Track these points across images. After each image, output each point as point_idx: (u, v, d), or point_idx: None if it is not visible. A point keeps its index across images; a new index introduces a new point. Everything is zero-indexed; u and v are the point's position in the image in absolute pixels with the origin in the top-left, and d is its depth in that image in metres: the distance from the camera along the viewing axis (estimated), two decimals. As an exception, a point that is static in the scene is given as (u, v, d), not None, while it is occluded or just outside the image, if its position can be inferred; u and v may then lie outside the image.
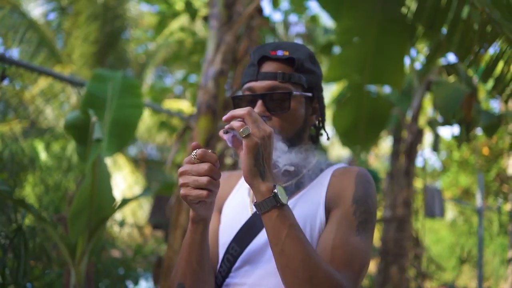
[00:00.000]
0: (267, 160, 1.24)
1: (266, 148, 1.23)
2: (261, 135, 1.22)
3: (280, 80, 1.47)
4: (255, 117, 1.23)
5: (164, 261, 3.49)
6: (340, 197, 1.43)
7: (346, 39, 4.65)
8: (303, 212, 1.45)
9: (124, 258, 5.82)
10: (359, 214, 1.39)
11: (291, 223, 1.25)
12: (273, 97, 1.46)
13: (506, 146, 11.40)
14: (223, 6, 3.61)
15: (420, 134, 5.61)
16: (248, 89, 1.51)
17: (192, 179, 1.24)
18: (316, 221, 1.43)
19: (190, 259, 1.39)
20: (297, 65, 1.49)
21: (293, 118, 1.49)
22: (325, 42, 6.47)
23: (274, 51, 1.52)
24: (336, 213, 1.41)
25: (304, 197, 1.50)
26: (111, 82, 3.65)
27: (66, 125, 3.07)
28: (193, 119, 3.59)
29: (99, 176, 3.09)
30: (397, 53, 4.40)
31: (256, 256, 1.46)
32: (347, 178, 1.47)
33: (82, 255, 3.19)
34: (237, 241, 1.50)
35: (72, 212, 3.03)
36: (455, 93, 4.85)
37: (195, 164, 1.25)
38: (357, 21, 4.35)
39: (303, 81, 1.50)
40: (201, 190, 1.24)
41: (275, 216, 1.24)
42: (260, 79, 1.49)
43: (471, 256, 10.98)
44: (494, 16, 3.88)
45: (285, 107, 1.46)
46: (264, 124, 1.24)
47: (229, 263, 1.50)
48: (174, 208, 3.48)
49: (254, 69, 1.51)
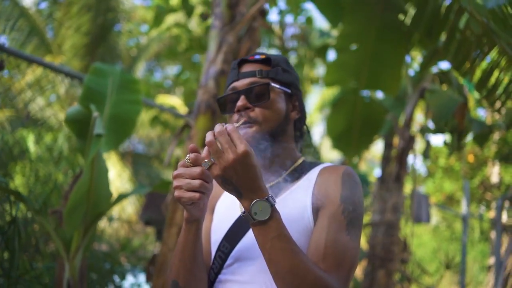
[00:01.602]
0: (242, 180, 1.27)
1: (237, 171, 1.25)
2: (222, 166, 1.25)
3: (259, 76, 1.59)
4: (215, 148, 1.25)
5: (158, 258, 3.50)
6: (328, 196, 1.48)
7: (344, 44, 4.68)
8: (291, 210, 1.49)
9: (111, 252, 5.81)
10: (347, 213, 1.45)
11: (275, 236, 1.29)
12: (253, 90, 1.56)
13: (491, 155, 11.53)
14: (226, 6, 3.62)
15: (412, 140, 5.67)
16: (231, 89, 1.61)
17: (185, 182, 1.30)
18: (304, 219, 1.48)
19: (183, 257, 1.44)
20: (273, 64, 1.62)
21: (275, 109, 1.58)
22: (321, 45, 6.50)
23: (252, 56, 1.65)
24: (325, 212, 1.46)
25: (291, 195, 1.55)
26: (111, 77, 3.64)
27: (67, 119, 3.06)
28: (192, 117, 3.59)
29: (98, 171, 3.09)
30: (394, 60, 4.44)
31: (246, 253, 1.51)
32: (333, 177, 1.53)
33: (77, 250, 3.18)
34: (228, 239, 1.55)
35: (68, 206, 3.02)
36: (449, 101, 4.91)
37: (188, 167, 1.31)
38: (355, 26, 4.39)
39: (280, 77, 1.61)
40: (193, 193, 1.30)
41: (257, 230, 1.31)
42: (241, 78, 1.60)
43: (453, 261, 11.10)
44: (492, 27, 3.93)
45: (265, 98, 1.56)
46: (231, 148, 1.25)
47: (221, 260, 1.55)
48: (170, 206, 3.49)
49: (235, 72, 1.63)
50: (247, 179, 1.27)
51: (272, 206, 1.29)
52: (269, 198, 1.29)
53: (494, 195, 13.38)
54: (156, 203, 4.57)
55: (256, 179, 1.28)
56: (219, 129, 1.26)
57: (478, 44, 4.12)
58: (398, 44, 4.35)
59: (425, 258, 13.78)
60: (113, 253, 5.74)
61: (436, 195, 14.59)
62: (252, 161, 1.26)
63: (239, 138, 1.26)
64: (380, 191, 5.89)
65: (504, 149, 10.11)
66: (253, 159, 1.26)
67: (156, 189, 3.58)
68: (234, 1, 3.63)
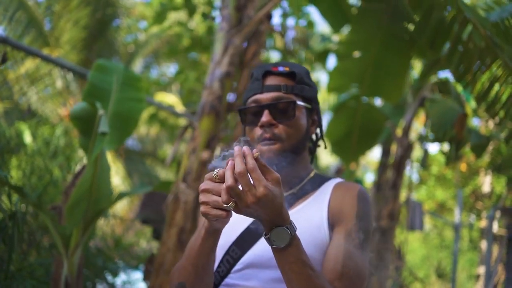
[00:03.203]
0: (263, 215, 1.25)
1: (257, 210, 1.23)
2: (243, 208, 1.23)
3: (284, 91, 1.59)
4: (236, 192, 1.21)
5: (157, 258, 3.49)
6: (343, 213, 1.51)
7: (348, 51, 4.70)
8: (307, 223, 1.51)
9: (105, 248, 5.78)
10: (361, 232, 1.48)
11: (293, 261, 1.29)
12: (278, 106, 1.57)
13: (484, 164, 11.60)
14: (234, 9, 3.62)
15: (410, 148, 5.70)
16: (254, 101, 1.61)
17: (212, 199, 1.26)
18: (320, 233, 1.50)
19: (197, 263, 1.44)
20: (298, 78, 1.61)
21: (298, 126, 1.59)
22: (322, 50, 6.51)
23: (276, 67, 1.64)
24: (340, 230, 1.49)
25: (306, 209, 1.57)
26: (115, 74, 3.62)
27: (72, 116, 3.05)
28: (195, 118, 3.59)
29: (100, 169, 3.08)
30: (398, 68, 4.47)
31: (258, 260, 1.51)
32: (349, 194, 1.56)
33: (76, 247, 3.17)
34: (238, 244, 1.56)
35: (70, 203, 3.01)
36: (448, 111, 4.94)
37: (216, 183, 1.27)
38: (362, 34, 4.41)
39: (304, 93, 1.61)
40: (221, 211, 1.26)
41: (276, 253, 1.31)
42: (265, 91, 1.60)
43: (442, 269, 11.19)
44: (495, 40, 3.96)
45: (290, 115, 1.57)
46: (251, 191, 1.21)
47: (229, 264, 1.55)
48: (170, 206, 3.48)
49: (258, 83, 1.62)
50: (268, 213, 1.25)
51: (291, 234, 1.27)
52: (289, 226, 1.27)
53: (485, 204, 13.46)
54: (154, 202, 4.56)
55: (277, 211, 1.25)
56: (240, 169, 1.20)
57: (480, 57, 4.15)
58: (402, 52, 4.37)
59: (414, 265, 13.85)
60: (106, 250, 5.71)
61: (428, 203, 14.67)
62: (273, 199, 1.22)
63: (259, 178, 1.21)
64: (376, 198, 5.92)
65: (497, 160, 10.18)
66: (274, 197, 1.22)
67: (157, 189, 3.57)
68: (242, 4, 3.62)
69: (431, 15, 4.12)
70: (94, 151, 2.92)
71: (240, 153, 1.23)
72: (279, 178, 1.24)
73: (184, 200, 3.46)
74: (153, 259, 3.60)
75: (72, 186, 3.37)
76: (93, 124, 3.00)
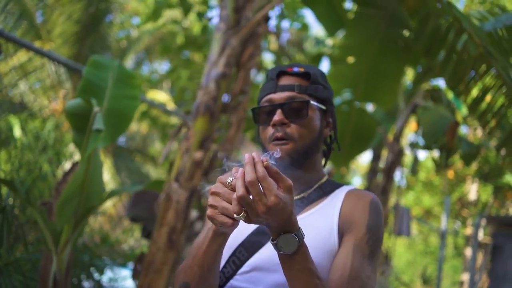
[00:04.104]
0: (272, 222, 1.23)
1: (267, 219, 1.21)
2: (254, 218, 1.21)
3: (298, 91, 1.56)
4: (247, 201, 1.18)
5: (146, 257, 3.48)
6: (354, 222, 1.48)
7: (343, 55, 4.72)
8: (317, 230, 1.49)
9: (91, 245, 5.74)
10: (371, 243, 1.45)
11: (299, 268, 1.28)
12: (291, 106, 1.54)
13: (471, 172, 11.70)
14: (233, 10, 3.61)
15: (401, 154, 5.73)
16: (267, 100, 1.59)
17: (222, 205, 1.22)
18: (330, 240, 1.47)
19: (202, 264, 1.41)
20: (312, 79, 1.59)
21: (310, 126, 1.56)
22: (316, 53, 6.53)
23: (290, 68, 1.62)
24: (350, 238, 1.46)
25: (316, 215, 1.54)
26: (110, 71, 3.60)
27: (67, 112, 3.02)
28: (190, 118, 3.58)
29: (93, 166, 3.06)
30: (393, 74, 4.49)
31: (265, 264, 1.48)
32: (362, 203, 1.52)
33: (66, 243, 3.14)
34: (246, 245, 1.53)
35: (61, 199, 2.99)
36: (440, 119, 4.98)
37: (227, 189, 1.23)
38: (358, 39, 4.42)
39: (318, 93, 1.59)
40: (227, 218, 1.23)
41: (282, 259, 1.29)
42: (279, 91, 1.58)
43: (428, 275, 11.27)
44: (489, 49, 3.99)
45: (303, 115, 1.54)
46: (261, 201, 1.18)
47: (235, 265, 1.53)
48: (162, 206, 3.47)
49: (272, 83, 1.60)
50: (278, 221, 1.23)
51: (300, 241, 1.25)
52: (297, 233, 1.25)
53: (470, 212, 13.58)
54: (144, 200, 4.54)
55: (287, 218, 1.23)
56: (251, 178, 1.17)
57: (474, 66, 4.19)
58: (398, 58, 4.40)
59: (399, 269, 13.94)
60: (93, 246, 5.67)
61: (415, 209, 14.77)
62: (284, 207, 1.20)
63: (269, 187, 1.18)
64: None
65: (485, 168, 10.28)
66: (284, 205, 1.20)
67: (148, 187, 3.55)
68: (240, 5, 3.62)
69: (428, 23, 4.15)
70: (88, 148, 2.90)
71: (250, 161, 1.20)
72: (291, 185, 1.22)
73: (176, 200, 3.45)
74: (143, 257, 3.58)
75: (64, 182, 3.34)
76: (87, 120, 2.97)
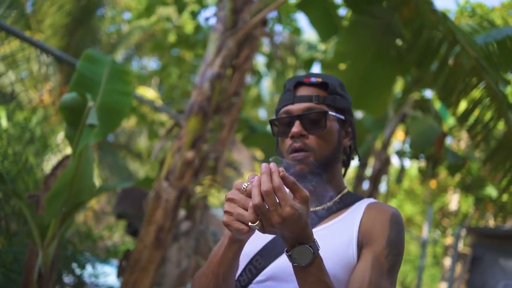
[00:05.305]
0: (287, 233, 1.22)
1: (281, 229, 1.21)
2: (268, 227, 1.21)
3: (316, 102, 1.54)
4: (262, 211, 1.19)
5: (133, 254, 3.46)
6: (374, 235, 1.45)
7: (336, 61, 4.74)
8: (336, 243, 1.46)
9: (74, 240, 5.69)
10: (390, 258, 1.41)
11: (313, 281, 1.26)
12: (309, 117, 1.52)
13: (453, 183, 11.82)
14: (230, 11, 3.61)
15: (388, 162, 5.77)
16: (285, 112, 1.56)
17: (237, 211, 1.22)
18: (348, 254, 1.45)
19: (217, 272, 1.39)
20: (330, 89, 1.56)
21: (329, 137, 1.53)
22: (308, 58, 6.55)
23: (308, 78, 1.59)
24: (369, 252, 1.43)
25: (336, 226, 1.51)
26: (104, 66, 3.58)
27: (61, 105, 3.00)
28: (183, 117, 3.58)
29: (84, 161, 3.04)
30: (385, 82, 4.53)
31: (281, 273, 1.45)
32: (382, 217, 1.49)
33: (52, 238, 3.11)
34: (263, 254, 1.51)
35: (50, 193, 2.96)
36: (428, 130, 5.02)
37: (243, 195, 1.24)
38: (353, 46, 4.45)
39: (336, 104, 1.56)
40: (243, 225, 1.22)
41: (296, 271, 1.28)
42: (297, 102, 1.55)
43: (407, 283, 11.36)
44: (482, 62, 4.04)
45: (321, 126, 1.51)
46: (277, 211, 1.18)
47: (251, 274, 1.50)
48: (150, 204, 3.46)
49: (290, 94, 1.57)
50: (292, 232, 1.22)
51: (314, 253, 1.24)
52: (312, 245, 1.24)
53: (451, 222, 13.73)
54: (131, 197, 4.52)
55: (302, 229, 1.22)
56: (267, 188, 1.17)
57: (466, 78, 4.24)
58: (390, 67, 4.43)
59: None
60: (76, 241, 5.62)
61: (396, 216, 14.87)
62: (299, 218, 1.19)
63: (285, 198, 1.18)
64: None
65: (467, 179, 10.40)
66: (299, 216, 1.19)
67: (138, 185, 3.54)
68: (239, 7, 3.62)
69: (422, 34, 4.20)
70: (80, 142, 2.88)
71: (267, 170, 1.19)
72: (308, 196, 1.21)
73: (166, 199, 3.44)
74: (129, 255, 3.56)
75: (53, 176, 3.32)
76: (81, 115, 2.95)
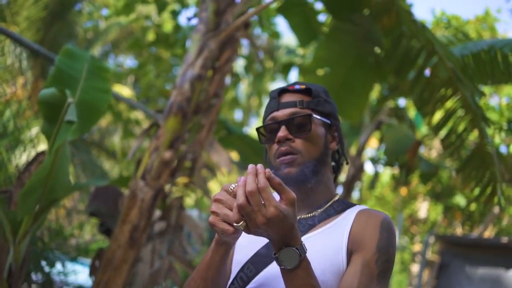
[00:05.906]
0: (273, 234, 1.23)
1: (267, 230, 1.22)
2: (253, 228, 1.22)
3: (300, 106, 1.57)
4: (247, 211, 1.19)
5: (106, 253, 3.43)
6: (364, 241, 1.45)
7: (314, 66, 4.78)
8: (325, 249, 1.47)
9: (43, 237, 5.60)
10: (380, 263, 1.42)
11: (301, 284, 1.27)
12: (294, 121, 1.54)
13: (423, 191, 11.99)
14: (213, 13, 3.61)
15: (362, 168, 5.83)
16: (271, 119, 1.59)
17: (223, 212, 1.24)
18: (337, 260, 1.45)
19: (206, 277, 1.40)
20: (314, 94, 1.59)
21: (315, 140, 1.55)
22: (286, 62, 6.58)
23: (292, 86, 1.63)
24: (358, 257, 1.43)
25: (326, 233, 1.52)
26: (84, 62, 3.54)
27: (39, 100, 2.95)
28: (161, 117, 3.56)
29: (60, 158, 3.00)
30: (362, 89, 4.58)
31: (272, 281, 1.45)
32: (372, 222, 1.49)
33: (25, 234, 3.06)
34: (254, 261, 1.51)
35: (24, 189, 2.91)
36: (403, 138, 5.09)
37: (230, 197, 1.25)
38: (332, 52, 4.48)
39: (320, 108, 1.59)
40: (228, 226, 1.24)
41: (284, 274, 1.29)
42: (281, 108, 1.58)
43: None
44: (458, 74, 4.11)
45: (306, 129, 1.53)
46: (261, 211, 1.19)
47: (242, 282, 1.50)
48: (126, 203, 3.43)
49: (275, 101, 1.60)
50: (278, 233, 1.23)
51: (301, 255, 1.25)
52: (299, 248, 1.25)
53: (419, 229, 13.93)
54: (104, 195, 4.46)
55: (288, 231, 1.23)
56: (251, 188, 1.19)
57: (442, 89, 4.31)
58: (368, 75, 4.48)
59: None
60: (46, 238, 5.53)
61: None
62: (284, 219, 1.20)
63: (269, 198, 1.19)
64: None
65: (437, 188, 10.57)
66: (284, 217, 1.20)
67: (114, 183, 3.51)
68: (222, 9, 3.62)
69: (400, 43, 4.26)
70: (58, 139, 2.84)
71: (253, 171, 1.21)
72: (294, 198, 1.22)
73: (141, 198, 3.42)
74: (102, 254, 3.53)
75: (27, 171, 3.27)
76: (59, 111, 2.91)
